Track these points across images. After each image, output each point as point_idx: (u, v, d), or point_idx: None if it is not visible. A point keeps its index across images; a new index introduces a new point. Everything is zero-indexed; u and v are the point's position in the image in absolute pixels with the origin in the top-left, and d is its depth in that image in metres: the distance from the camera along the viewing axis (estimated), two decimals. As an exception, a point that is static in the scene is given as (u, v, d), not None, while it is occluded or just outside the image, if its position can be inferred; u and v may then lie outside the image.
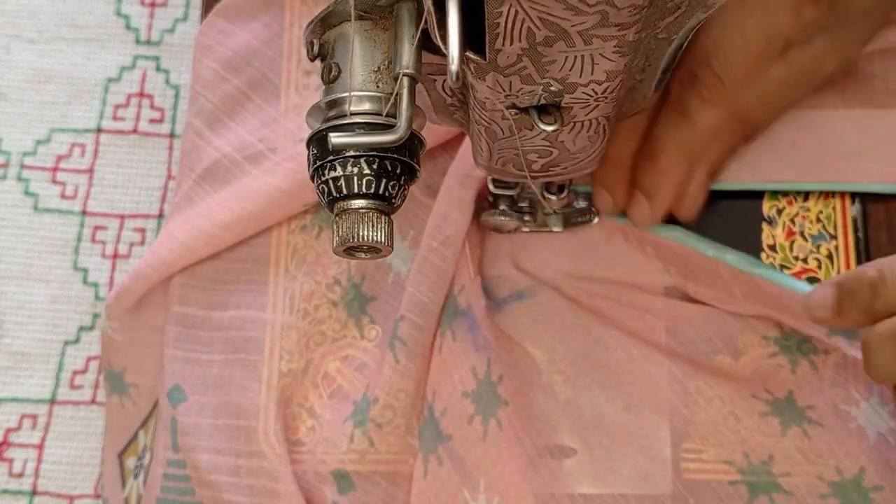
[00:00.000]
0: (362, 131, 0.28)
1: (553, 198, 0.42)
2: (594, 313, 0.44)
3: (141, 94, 0.56)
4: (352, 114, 0.29)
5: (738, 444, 0.42)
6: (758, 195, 0.45)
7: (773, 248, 0.44)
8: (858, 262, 0.44)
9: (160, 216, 0.54)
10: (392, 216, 0.29)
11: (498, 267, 0.45)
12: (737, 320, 0.43)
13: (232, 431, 0.44)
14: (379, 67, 0.29)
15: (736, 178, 0.44)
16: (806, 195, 0.44)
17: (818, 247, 0.44)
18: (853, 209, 0.44)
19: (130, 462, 0.49)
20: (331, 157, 0.28)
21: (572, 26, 0.25)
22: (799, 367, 0.42)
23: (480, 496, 0.41)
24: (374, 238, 0.29)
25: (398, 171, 0.29)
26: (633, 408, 0.43)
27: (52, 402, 0.52)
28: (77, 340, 0.52)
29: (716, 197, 0.44)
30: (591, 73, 0.28)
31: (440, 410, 0.42)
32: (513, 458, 0.41)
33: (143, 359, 0.48)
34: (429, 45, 0.28)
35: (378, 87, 0.29)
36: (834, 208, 0.44)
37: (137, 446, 0.49)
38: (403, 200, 0.30)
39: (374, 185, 0.29)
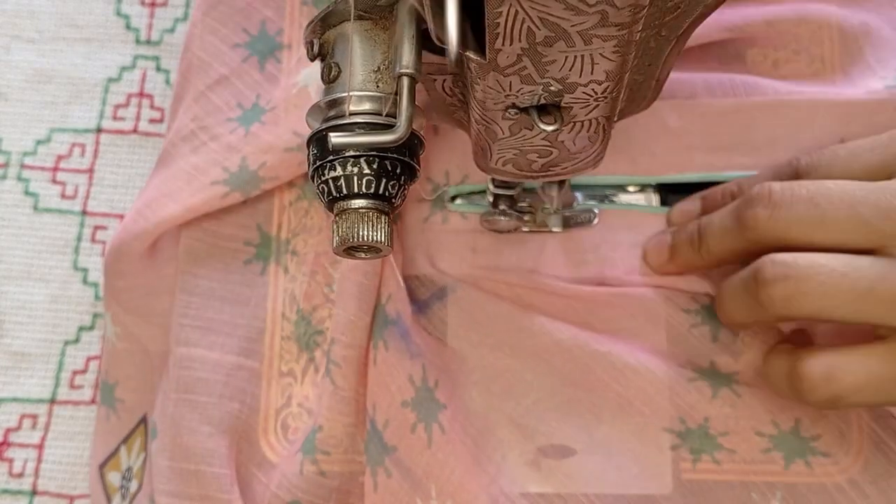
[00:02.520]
0: (362, 131, 0.28)
1: (553, 194, 0.42)
2: (515, 303, 0.44)
3: (141, 94, 0.56)
4: (352, 114, 0.29)
5: (674, 410, 0.42)
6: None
7: None
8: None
9: (160, 216, 0.54)
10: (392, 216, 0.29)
11: (416, 268, 0.45)
12: (655, 294, 0.43)
13: (186, 475, 0.43)
14: (379, 67, 0.29)
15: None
16: None
17: None
18: None
19: (113, 478, 0.49)
20: (331, 157, 0.29)
21: (572, 26, 0.25)
22: (720, 334, 0.43)
23: (433, 502, 0.41)
24: (374, 238, 0.29)
25: (398, 170, 0.29)
26: (568, 390, 0.42)
27: (52, 401, 0.52)
28: (77, 340, 0.52)
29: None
30: (591, 73, 0.28)
31: (382, 423, 0.42)
32: (460, 459, 0.41)
33: (134, 376, 0.48)
34: (429, 44, 0.28)
35: (378, 86, 0.29)
36: None
37: (119, 463, 0.48)
38: (403, 200, 0.30)
39: (374, 185, 0.29)
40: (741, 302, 0.39)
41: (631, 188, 0.45)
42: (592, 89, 0.29)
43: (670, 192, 0.45)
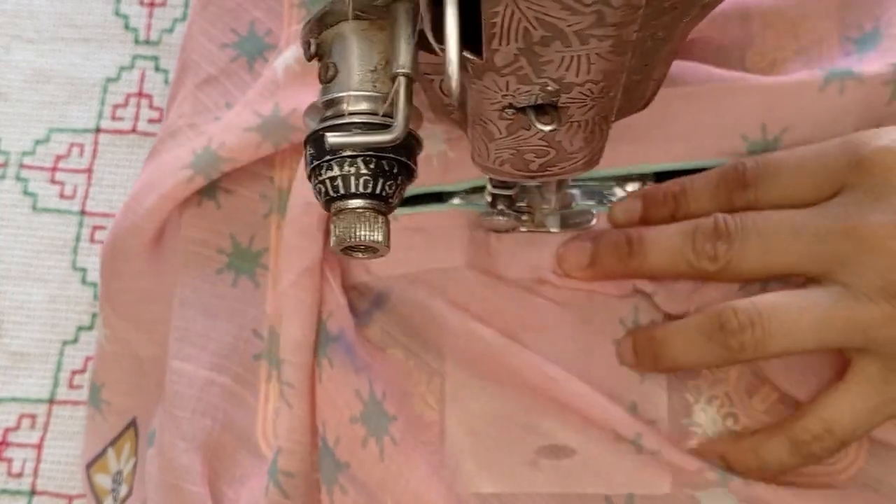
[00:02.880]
0: (359, 131, 0.28)
1: (551, 195, 0.42)
2: (449, 302, 0.43)
3: (140, 94, 0.56)
4: (349, 114, 0.29)
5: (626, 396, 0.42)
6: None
7: None
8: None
9: (159, 216, 0.54)
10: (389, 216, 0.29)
11: (352, 276, 0.44)
12: (585, 296, 0.43)
13: (169, 489, 0.43)
14: (376, 67, 0.29)
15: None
16: None
17: None
18: None
19: (102, 480, 0.49)
20: (328, 157, 0.29)
21: (568, 26, 0.25)
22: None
23: None
24: (372, 238, 0.29)
25: (395, 170, 0.29)
26: (512, 390, 0.42)
27: (51, 401, 0.52)
28: (76, 340, 0.52)
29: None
30: (588, 73, 0.28)
31: (333, 440, 0.42)
32: (414, 469, 0.41)
33: (123, 379, 0.48)
34: (425, 44, 0.28)
35: (375, 86, 0.29)
36: None
37: (108, 465, 0.48)
38: (400, 200, 0.30)
39: (371, 185, 0.29)
40: (700, 347, 0.39)
41: (629, 187, 0.45)
42: (589, 89, 0.29)
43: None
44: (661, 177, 0.44)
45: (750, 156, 0.43)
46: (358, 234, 0.29)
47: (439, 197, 0.46)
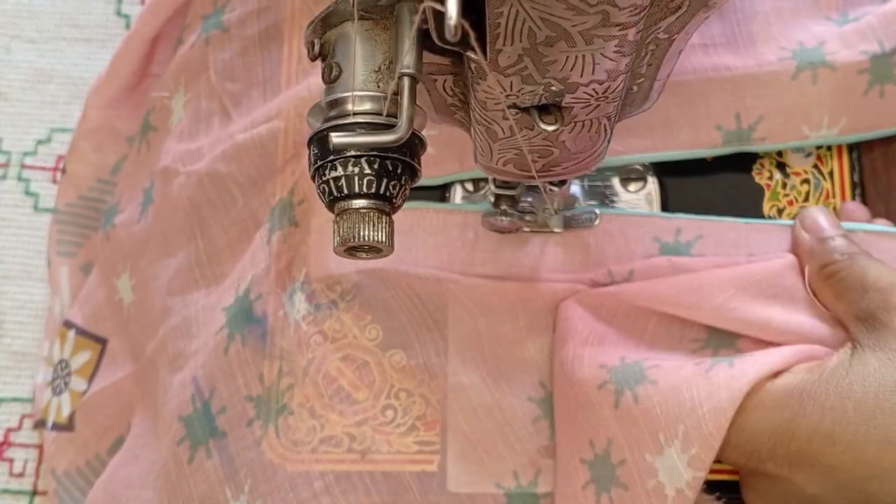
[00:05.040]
0: (363, 131, 0.28)
1: (556, 189, 0.42)
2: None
3: (141, 94, 0.56)
4: (353, 114, 0.28)
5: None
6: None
7: None
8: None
9: (160, 216, 0.54)
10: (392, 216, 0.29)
11: (326, 269, 0.44)
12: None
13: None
14: (380, 67, 0.29)
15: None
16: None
17: None
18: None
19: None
20: (332, 157, 0.28)
21: (573, 26, 0.25)
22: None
23: (242, 497, 0.41)
24: (375, 238, 0.29)
25: (399, 170, 0.29)
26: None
27: (53, 401, 0.52)
28: (77, 340, 0.52)
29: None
30: (592, 73, 0.28)
31: (217, 407, 0.43)
32: (283, 464, 0.42)
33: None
34: (429, 44, 0.27)
35: (379, 86, 0.29)
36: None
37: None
38: (404, 200, 0.30)
39: (374, 185, 0.28)
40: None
41: (632, 187, 0.45)
42: (593, 89, 0.29)
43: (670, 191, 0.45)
44: (657, 168, 0.45)
45: (736, 145, 0.43)
46: (362, 234, 0.28)
47: (442, 196, 0.46)
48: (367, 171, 0.28)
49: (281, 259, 0.44)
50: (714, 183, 0.45)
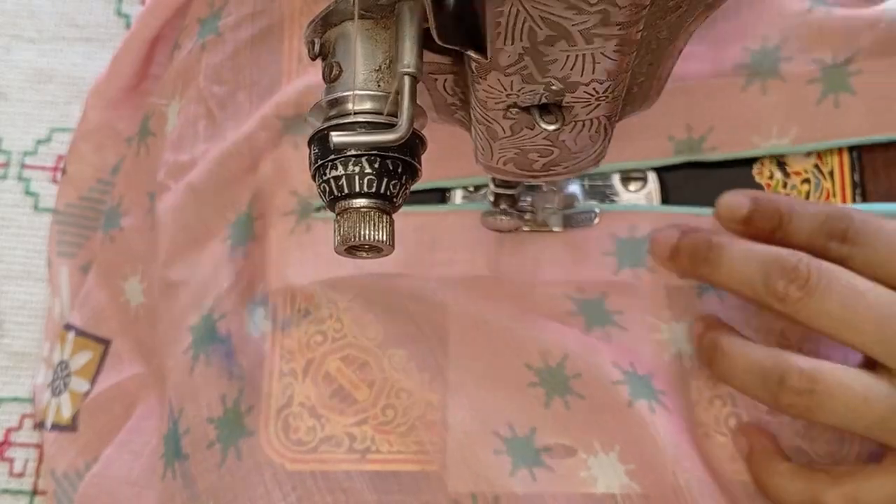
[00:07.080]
0: (363, 130, 0.28)
1: (555, 195, 0.42)
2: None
3: (141, 94, 0.56)
4: (354, 113, 0.29)
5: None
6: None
7: None
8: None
9: (160, 216, 0.54)
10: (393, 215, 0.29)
11: (282, 280, 0.44)
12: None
13: None
14: (380, 66, 0.29)
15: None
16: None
17: None
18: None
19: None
20: (332, 157, 0.28)
21: (573, 25, 0.25)
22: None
23: None
24: (376, 237, 0.29)
25: (399, 170, 0.29)
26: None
27: (53, 401, 0.51)
28: (77, 340, 0.52)
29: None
30: (593, 73, 0.28)
31: (183, 428, 0.43)
32: (247, 488, 0.42)
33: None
34: (430, 44, 0.27)
35: (379, 86, 0.29)
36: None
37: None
38: (405, 200, 0.30)
39: (375, 185, 0.29)
40: (752, 382, 0.38)
41: (632, 186, 0.45)
42: (594, 88, 0.29)
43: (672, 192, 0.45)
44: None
45: (687, 155, 0.44)
46: (362, 233, 0.29)
47: (441, 197, 0.46)
48: (368, 170, 0.28)
49: (243, 276, 0.45)
50: (715, 182, 0.45)
